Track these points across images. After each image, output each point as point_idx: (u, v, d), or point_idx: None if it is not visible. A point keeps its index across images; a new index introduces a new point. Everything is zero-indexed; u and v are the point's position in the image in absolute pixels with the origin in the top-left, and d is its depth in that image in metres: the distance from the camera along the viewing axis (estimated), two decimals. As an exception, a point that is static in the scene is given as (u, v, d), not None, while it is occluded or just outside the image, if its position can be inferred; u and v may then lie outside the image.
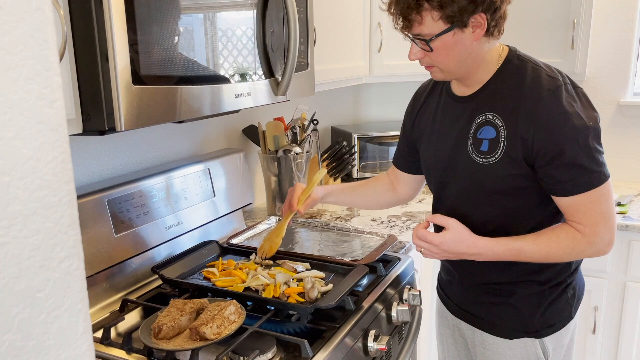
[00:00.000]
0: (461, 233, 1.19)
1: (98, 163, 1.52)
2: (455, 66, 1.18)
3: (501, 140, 1.17)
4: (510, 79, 1.19)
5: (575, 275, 1.32)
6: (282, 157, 1.99)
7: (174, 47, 1.10)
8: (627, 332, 2.25)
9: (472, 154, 1.22)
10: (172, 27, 1.08)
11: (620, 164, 2.70)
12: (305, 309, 1.23)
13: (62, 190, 0.49)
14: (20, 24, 0.45)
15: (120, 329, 1.26)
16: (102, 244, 1.35)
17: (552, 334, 1.29)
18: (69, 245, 0.51)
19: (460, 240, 1.19)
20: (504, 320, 1.30)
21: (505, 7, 1.15)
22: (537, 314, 1.28)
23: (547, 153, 1.12)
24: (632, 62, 2.61)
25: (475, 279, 1.33)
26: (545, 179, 1.16)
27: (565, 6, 2.38)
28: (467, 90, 1.26)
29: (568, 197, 1.15)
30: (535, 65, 1.20)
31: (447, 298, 1.45)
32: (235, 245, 1.65)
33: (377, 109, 3.04)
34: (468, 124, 1.23)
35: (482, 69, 1.21)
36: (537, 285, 1.27)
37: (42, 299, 0.48)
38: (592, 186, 1.13)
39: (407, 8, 1.11)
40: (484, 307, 1.33)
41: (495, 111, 1.19)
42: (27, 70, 0.46)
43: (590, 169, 1.12)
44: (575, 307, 1.32)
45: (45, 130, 0.48)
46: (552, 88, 1.14)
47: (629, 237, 2.18)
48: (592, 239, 1.16)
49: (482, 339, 1.34)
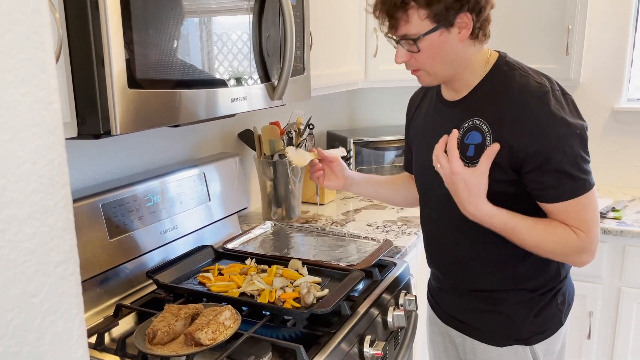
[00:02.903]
0: (476, 187, 1.14)
1: (93, 167, 1.51)
2: (441, 68, 1.18)
3: (486, 145, 1.17)
4: (498, 85, 1.19)
5: (565, 282, 1.32)
6: (277, 161, 1.98)
7: (170, 51, 1.10)
8: (622, 337, 2.25)
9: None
10: (168, 31, 1.08)
11: (614, 170, 2.71)
12: (301, 314, 1.23)
13: (58, 194, 0.49)
14: (17, 26, 0.45)
15: (114, 334, 1.25)
16: (96, 248, 1.34)
17: (542, 341, 1.29)
18: (65, 250, 0.50)
19: (470, 189, 1.15)
20: (494, 327, 1.30)
21: (489, 10, 1.16)
22: (527, 321, 1.27)
23: (533, 159, 1.12)
24: (626, 68, 2.63)
25: (465, 285, 1.33)
26: (530, 185, 1.16)
27: (560, 12, 2.39)
28: (455, 95, 1.26)
29: (553, 203, 1.15)
30: (523, 72, 1.19)
31: (437, 305, 1.44)
32: (231, 250, 1.64)
33: (372, 113, 3.04)
34: (455, 129, 1.23)
35: (469, 73, 1.21)
36: (527, 293, 1.27)
37: (37, 304, 0.48)
38: (576, 194, 1.13)
39: (394, 6, 1.12)
40: (474, 314, 1.33)
41: (482, 117, 1.19)
42: (23, 73, 0.45)
43: (575, 176, 1.12)
44: (566, 313, 1.32)
45: (42, 133, 0.47)
46: (539, 95, 1.13)
47: (623, 243, 2.19)
48: (583, 243, 1.16)
49: (472, 346, 1.33)
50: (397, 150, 2.64)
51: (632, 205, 2.44)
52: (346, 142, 2.52)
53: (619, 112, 2.65)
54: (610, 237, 2.19)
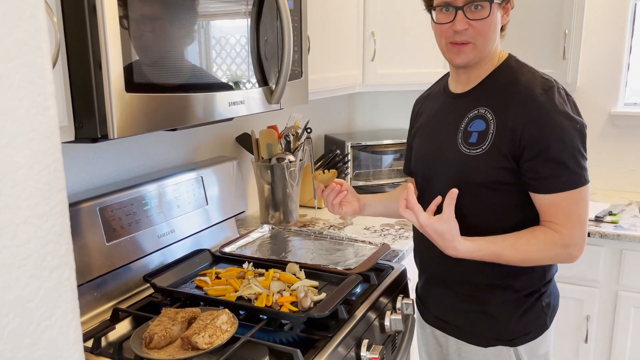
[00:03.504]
0: (447, 232, 1.17)
1: (90, 170, 1.51)
2: (489, 45, 1.23)
3: (490, 132, 1.21)
4: (505, 78, 1.25)
5: (549, 285, 1.33)
6: (275, 165, 1.98)
7: (167, 55, 1.10)
8: (619, 341, 2.25)
9: (461, 145, 1.25)
10: (166, 34, 1.08)
11: (611, 174, 2.71)
12: (298, 318, 1.23)
13: (54, 198, 0.49)
14: (14, 31, 0.45)
15: (110, 338, 1.25)
16: (93, 252, 1.34)
17: (527, 343, 1.30)
18: (61, 254, 0.50)
19: (442, 236, 1.17)
20: (479, 327, 1.31)
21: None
22: (511, 321, 1.28)
23: (533, 147, 1.16)
24: (623, 73, 2.64)
25: (450, 278, 1.34)
26: (527, 174, 1.18)
27: (557, 17, 2.40)
28: (463, 87, 1.31)
29: (547, 194, 1.17)
30: (530, 69, 1.26)
31: (424, 307, 1.46)
32: (228, 254, 1.64)
33: (370, 117, 3.04)
34: (460, 118, 1.27)
35: (484, 64, 1.26)
36: (512, 293, 1.28)
37: (33, 309, 0.48)
38: (571, 186, 1.16)
39: None
40: (459, 314, 1.34)
41: (487, 106, 1.23)
42: (20, 78, 0.45)
43: (572, 169, 1.16)
44: (551, 316, 1.33)
45: (38, 138, 0.47)
46: (545, 88, 1.19)
47: (620, 247, 2.19)
48: (567, 240, 1.18)
49: (457, 346, 1.35)
50: (394, 154, 2.64)
51: (629, 209, 2.45)
52: (344, 146, 2.52)
53: (615, 116, 2.66)
54: (607, 241, 2.20)
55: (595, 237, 2.19)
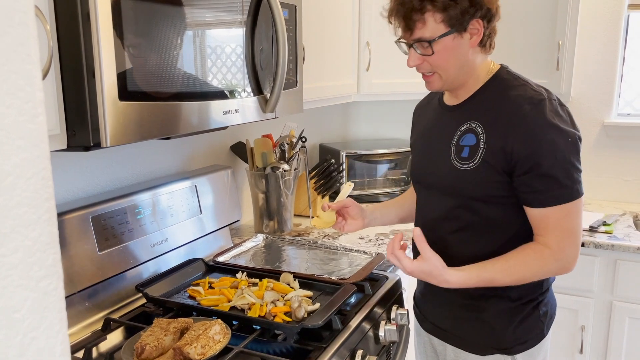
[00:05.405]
0: (434, 270, 1.18)
1: (82, 179, 1.50)
2: (453, 72, 1.22)
3: (480, 147, 1.20)
4: (496, 91, 1.24)
5: (547, 294, 1.33)
6: (270, 174, 1.98)
7: (162, 63, 1.09)
8: (614, 352, 2.25)
9: (454, 160, 1.25)
10: (160, 42, 1.08)
11: (605, 184, 2.72)
12: (292, 329, 1.22)
13: (41, 207, 0.48)
14: (3, 38, 0.44)
15: (102, 349, 1.24)
16: (85, 261, 1.32)
17: (523, 351, 1.29)
18: (48, 264, 0.49)
19: (430, 275, 1.19)
20: (476, 335, 1.31)
21: (496, 21, 1.22)
22: (508, 330, 1.28)
23: (525, 163, 1.15)
24: (617, 83, 2.66)
25: (448, 289, 1.33)
26: (520, 188, 1.18)
27: (551, 28, 2.42)
28: (456, 100, 1.30)
29: (540, 208, 1.17)
30: (522, 81, 1.24)
31: (421, 314, 1.45)
32: (222, 264, 1.63)
33: (365, 127, 3.05)
34: (453, 132, 1.27)
35: (472, 80, 1.26)
36: (508, 302, 1.28)
37: (19, 320, 0.47)
38: (563, 200, 1.16)
39: (411, 10, 1.16)
40: (456, 322, 1.34)
41: (477, 120, 1.23)
42: (8, 85, 0.45)
43: (564, 183, 1.15)
44: (548, 325, 1.33)
45: (26, 146, 0.46)
46: (534, 101, 1.17)
47: (615, 257, 2.19)
48: (558, 255, 1.18)
49: (454, 354, 1.34)
50: (389, 164, 2.64)
51: (623, 219, 2.45)
52: (339, 155, 2.52)
53: (609, 126, 2.67)
54: (601, 251, 2.20)
55: (589, 247, 2.19)
